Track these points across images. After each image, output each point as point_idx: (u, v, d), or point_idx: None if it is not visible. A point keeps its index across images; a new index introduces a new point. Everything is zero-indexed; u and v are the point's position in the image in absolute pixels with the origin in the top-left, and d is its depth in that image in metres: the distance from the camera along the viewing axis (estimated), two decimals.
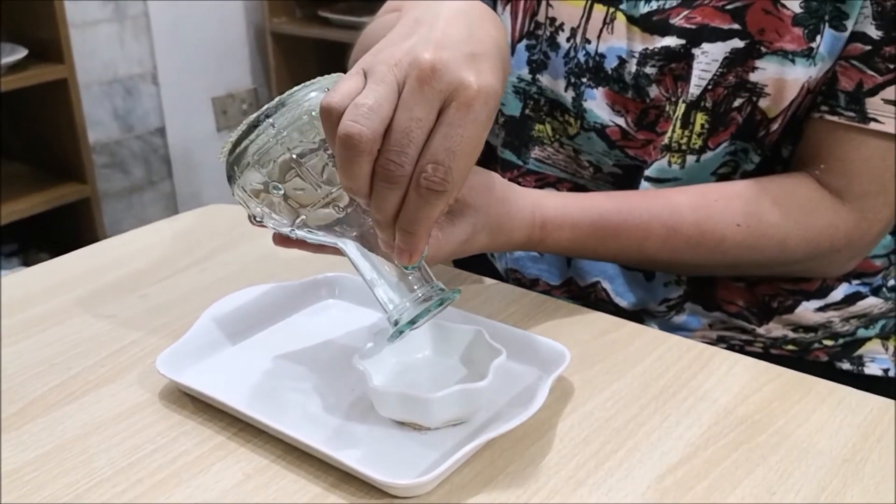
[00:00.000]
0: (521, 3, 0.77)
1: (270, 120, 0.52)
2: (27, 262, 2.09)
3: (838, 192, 0.68)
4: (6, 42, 1.97)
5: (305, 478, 0.51)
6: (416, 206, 0.47)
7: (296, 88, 0.53)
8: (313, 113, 0.52)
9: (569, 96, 0.75)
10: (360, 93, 0.47)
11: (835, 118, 0.67)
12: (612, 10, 0.72)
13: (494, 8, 0.81)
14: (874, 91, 0.65)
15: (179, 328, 0.66)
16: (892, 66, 0.65)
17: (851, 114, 0.66)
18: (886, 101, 0.65)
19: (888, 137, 0.66)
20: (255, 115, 0.53)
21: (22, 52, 1.92)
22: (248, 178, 0.54)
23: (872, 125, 0.66)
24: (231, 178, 0.55)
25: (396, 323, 0.53)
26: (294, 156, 0.52)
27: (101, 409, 0.57)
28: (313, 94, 0.53)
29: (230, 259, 0.79)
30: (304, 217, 0.54)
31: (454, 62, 0.47)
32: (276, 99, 0.53)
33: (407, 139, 0.46)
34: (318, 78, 0.54)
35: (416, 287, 0.53)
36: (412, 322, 0.52)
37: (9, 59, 1.88)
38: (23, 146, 2.18)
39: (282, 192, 0.53)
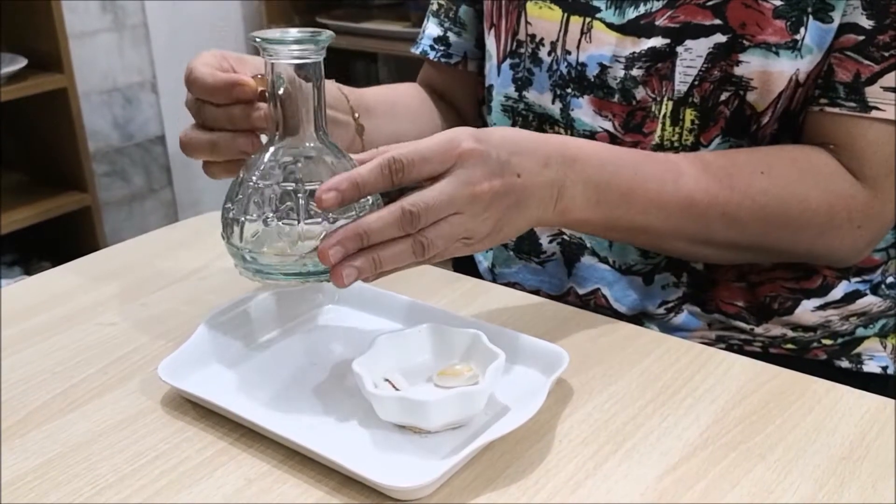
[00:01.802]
0: (503, 25, 0.79)
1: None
2: (28, 271, 2.10)
3: (852, 171, 0.69)
4: (6, 52, 1.98)
5: (307, 482, 0.51)
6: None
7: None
8: None
9: (557, 108, 0.77)
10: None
11: (835, 109, 0.68)
12: (588, 20, 0.73)
13: (481, 34, 0.84)
14: (872, 80, 0.66)
15: (180, 335, 0.66)
16: (887, 54, 0.65)
17: (852, 104, 0.67)
18: (886, 89, 0.66)
19: (890, 123, 0.66)
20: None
21: (22, 62, 1.92)
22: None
23: (874, 113, 0.66)
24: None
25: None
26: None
27: (104, 416, 0.58)
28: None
29: (229, 267, 0.78)
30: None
31: None
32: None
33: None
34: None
35: None
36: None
37: (8, 69, 1.89)
38: (23, 156, 2.18)
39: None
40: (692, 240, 0.69)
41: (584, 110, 0.75)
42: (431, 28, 0.89)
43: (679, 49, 0.69)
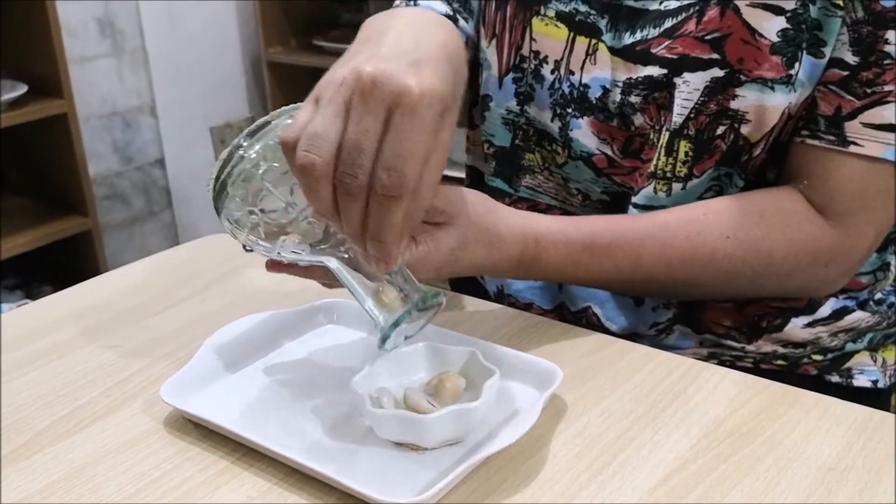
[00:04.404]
0: (506, 38, 0.79)
1: (241, 151, 0.56)
2: (30, 295, 2.11)
3: (821, 208, 0.70)
4: (6, 79, 2.00)
5: (307, 500, 0.52)
6: (377, 213, 0.50)
7: (265, 118, 0.57)
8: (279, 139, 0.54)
9: (555, 126, 0.77)
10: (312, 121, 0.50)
11: (815, 142, 0.69)
12: (594, 41, 0.74)
13: (478, 42, 0.83)
14: (853, 115, 0.67)
15: (182, 357, 0.67)
16: (869, 91, 0.66)
17: (831, 137, 0.68)
18: (865, 125, 0.66)
19: (867, 159, 0.67)
20: (229, 147, 0.56)
21: (22, 89, 1.94)
22: (230, 207, 0.57)
23: (852, 148, 0.67)
24: (218, 212, 0.58)
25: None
26: (264, 180, 0.55)
27: (108, 437, 0.59)
28: (282, 120, 0.56)
29: (230, 288, 0.80)
30: (283, 238, 0.56)
31: (395, 71, 0.50)
32: (246, 130, 0.56)
33: (357, 151, 0.49)
34: (288, 106, 0.57)
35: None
36: (395, 324, 0.54)
37: (9, 95, 1.91)
38: (24, 180, 2.20)
39: (257, 215, 0.56)
40: (652, 294, 0.76)
41: (583, 131, 0.75)
42: (433, 2, 0.82)
43: (677, 80, 0.70)
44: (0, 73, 2.04)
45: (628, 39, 0.72)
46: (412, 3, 0.83)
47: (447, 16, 0.82)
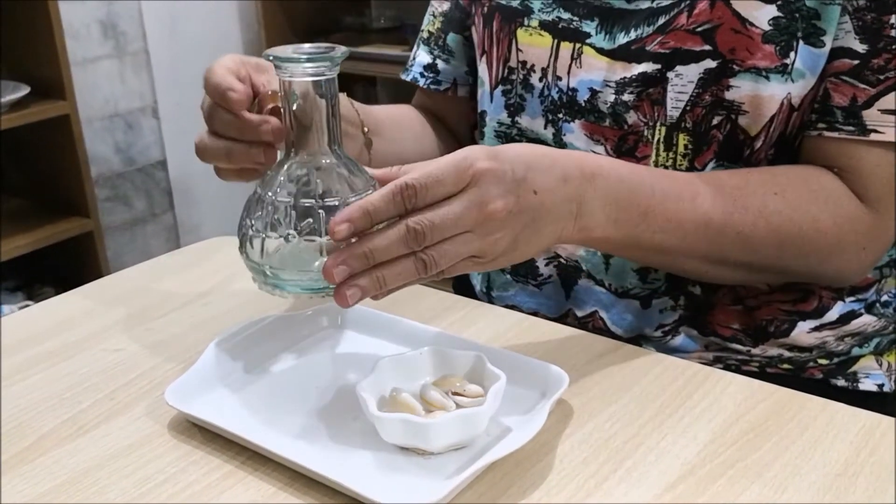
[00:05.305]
0: (494, 52, 0.81)
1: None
2: (31, 297, 2.11)
3: (856, 193, 0.69)
4: (9, 80, 2.00)
5: None
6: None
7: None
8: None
9: (549, 133, 0.78)
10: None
11: (834, 134, 0.69)
12: (578, 45, 0.75)
13: (474, 63, 0.85)
14: (869, 103, 0.67)
15: (186, 360, 0.67)
16: (882, 77, 0.66)
17: (850, 128, 0.68)
18: (883, 112, 0.67)
19: (888, 146, 0.67)
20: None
21: (24, 90, 1.94)
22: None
23: (873, 136, 0.67)
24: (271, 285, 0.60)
25: None
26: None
27: (112, 441, 0.59)
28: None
29: (233, 291, 0.80)
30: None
31: None
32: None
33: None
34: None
35: None
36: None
37: (11, 96, 1.90)
38: (26, 182, 2.20)
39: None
40: (707, 259, 0.69)
41: (575, 135, 0.76)
42: (422, 56, 0.92)
43: (670, 74, 0.70)
44: (2, 74, 2.04)
45: (623, 39, 0.73)
46: (411, 62, 0.92)
47: (428, 65, 0.91)
